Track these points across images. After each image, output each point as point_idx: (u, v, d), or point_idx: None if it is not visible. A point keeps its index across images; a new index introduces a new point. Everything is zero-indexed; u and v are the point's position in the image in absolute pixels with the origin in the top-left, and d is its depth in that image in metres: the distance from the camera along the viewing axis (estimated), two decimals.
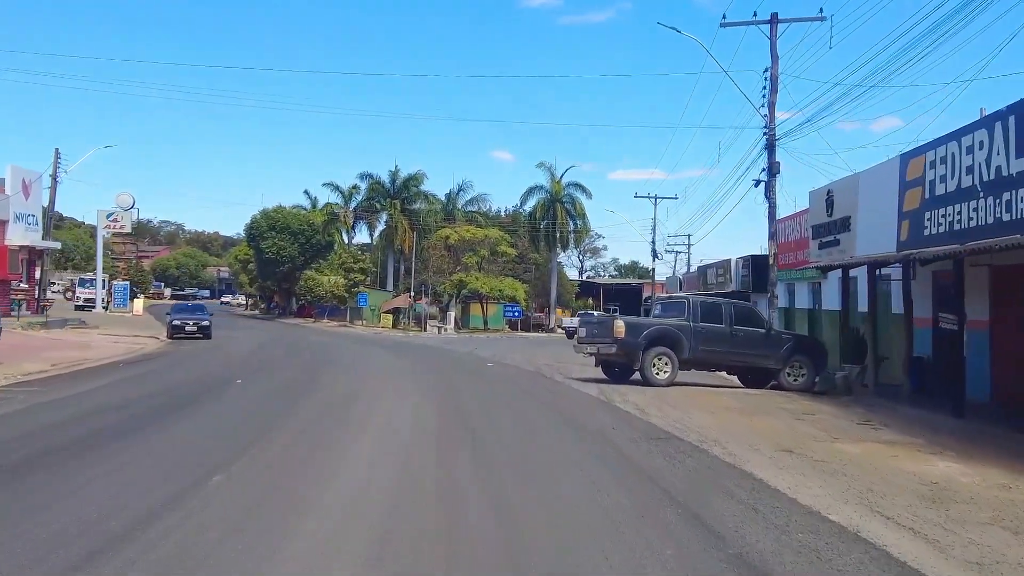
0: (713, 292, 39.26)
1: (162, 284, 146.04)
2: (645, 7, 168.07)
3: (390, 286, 75.48)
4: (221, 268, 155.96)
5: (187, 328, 38.02)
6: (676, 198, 58.61)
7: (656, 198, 57.44)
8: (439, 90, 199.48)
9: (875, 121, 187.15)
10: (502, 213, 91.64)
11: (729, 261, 40.06)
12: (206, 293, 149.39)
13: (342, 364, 27.50)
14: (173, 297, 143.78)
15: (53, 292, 70.03)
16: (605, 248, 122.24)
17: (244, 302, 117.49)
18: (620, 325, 20.78)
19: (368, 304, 64.14)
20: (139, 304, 69.85)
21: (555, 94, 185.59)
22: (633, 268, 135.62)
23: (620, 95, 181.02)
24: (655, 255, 58.06)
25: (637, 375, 21.04)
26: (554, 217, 74.59)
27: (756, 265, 34.10)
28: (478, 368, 27.08)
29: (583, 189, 75.76)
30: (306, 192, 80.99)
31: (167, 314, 42.01)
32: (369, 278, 73.61)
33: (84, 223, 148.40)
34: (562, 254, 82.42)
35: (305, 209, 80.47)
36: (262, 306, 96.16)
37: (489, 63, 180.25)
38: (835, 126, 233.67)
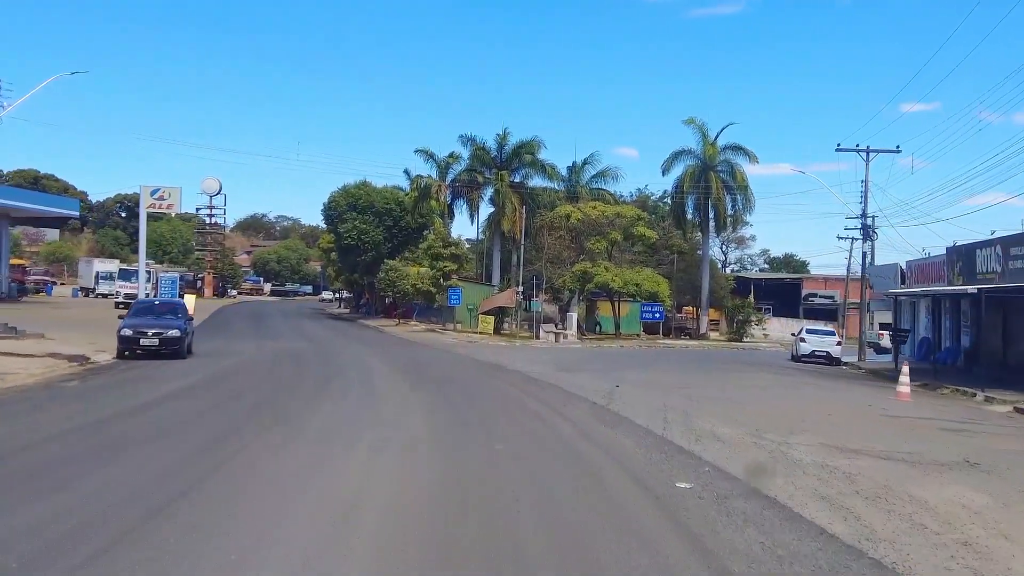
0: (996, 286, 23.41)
1: (261, 279, 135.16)
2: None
3: (496, 279, 59.74)
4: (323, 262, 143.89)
5: (143, 342, 23.22)
6: (898, 151, 40.56)
7: (868, 152, 39.67)
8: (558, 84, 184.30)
9: None
10: (628, 198, 74.30)
11: None
12: (307, 289, 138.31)
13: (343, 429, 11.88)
14: (273, 293, 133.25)
15: (105, 286, 57.23)
16: (753, 237, 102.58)
17: (335, 298, 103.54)
18: None
19: (462, 301, 48.66)
20: (191, 301, 56.05)
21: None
22: (787, 261, 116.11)
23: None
24: (867, 232, 40.05)
25: None
26: (706, 190, 57.47)
27: None
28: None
29: (745, 153, 58.36)
30: (406, 172, 64.75)
31: (120, 319, 27.39)
32: (465, 267, 57.92)
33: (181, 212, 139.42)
34: (715, 239, 64.79)
35: (403, 190, 65.42)
36: (353, 304, 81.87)
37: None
38: None
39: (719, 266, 73.16)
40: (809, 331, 41.44)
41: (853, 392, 24.78)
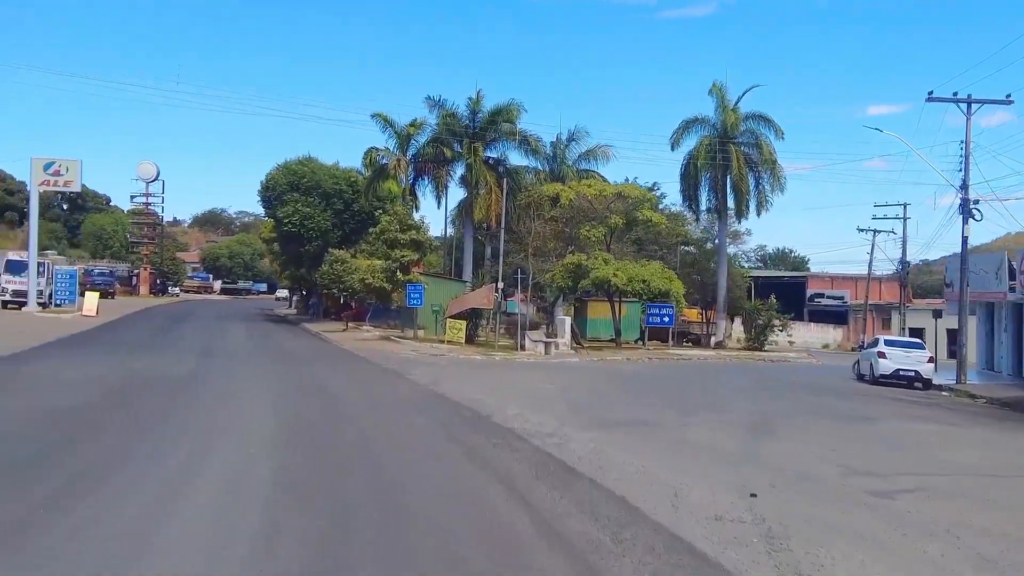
0: None
1: (209, 276, 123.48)
2: None
3: (467, 275, 49.01)
4: None
5: None
6: (1008, 101, 30.14)
7: (970, 102, 29.30)
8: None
9: None
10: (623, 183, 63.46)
11: None
12: (262, 287, 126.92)
13: None
14: (223, 291, 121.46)
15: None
16: (749, 232, 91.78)
17: (288, 297, 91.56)
18: None
19: (425, 301, 37.95)
20: (92, 300, 45.06)
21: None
22: (783, 257, 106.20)
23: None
24: (967, 210, 29.47)
25: None
26: (724, 166, 47.15)
27: None
28: None
29: (770, 123, 48.04)
30: (371, 150, 52.75)
31: None
32: (430, 260, 47.22)
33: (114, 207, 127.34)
34: (739, 227, 54.35)
35: (360, 173, 54.30)
36: (302, 304, 70.26)
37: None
38: None
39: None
40: (890, 343, 31.12)
41: None
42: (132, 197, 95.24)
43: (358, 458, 10.26)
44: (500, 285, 37.17)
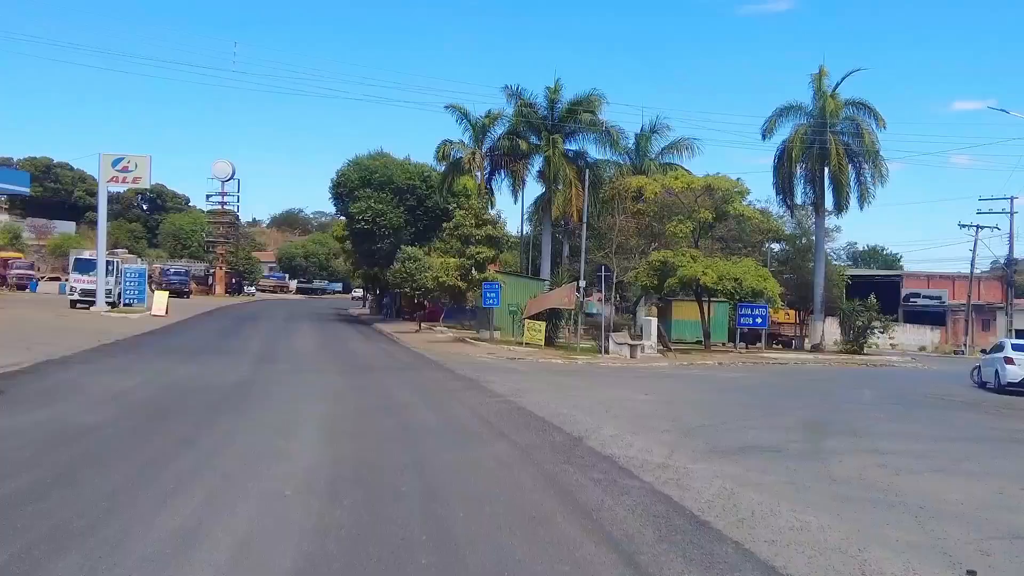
0: None
1: (286, 276, 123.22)
2: None
3: (545, 273, 46.52)
4: None
5: None
6: None
7: None
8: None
9: None
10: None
11: None
12: (337, 286, 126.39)
13: None
14: (299, 291, 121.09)
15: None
16: (838, 228, 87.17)
17: (363, 297, 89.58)
18: None
19: (502, 301, 35.63)
20: (161, 299, 43.97)
21: None
22: (874, 255, 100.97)
23: None
24: None
25: None
26: (821, 157, 43.79)
27: None
28: None
29: (871, 111, 44.42)
30: (444, 143, 50.48)
31: None
32: (506, 257, 44.81)
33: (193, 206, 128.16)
34: (834, 223, 50.65)
35: (435, 169, 52.19)
36: (376, 304, 68.55)
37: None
38: None
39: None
40: (1018, 348, 27.59)
41: None
42: (207, 196, 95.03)
43: (421, 521, 7.69)
44: (582, 284, 34.59)
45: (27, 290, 63.43)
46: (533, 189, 50.78)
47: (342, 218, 60.75)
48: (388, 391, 18.06)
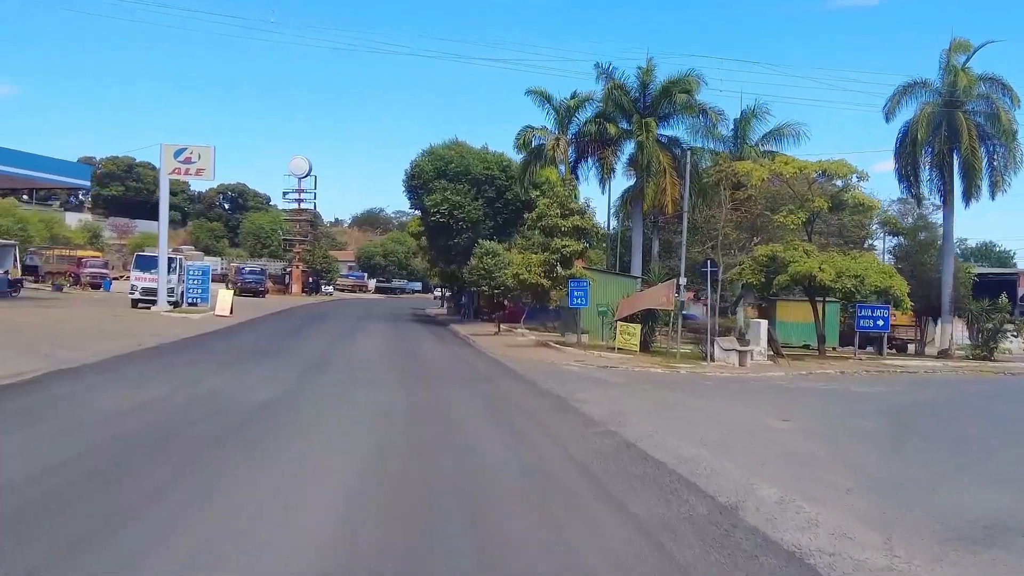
0: None
1: (364, 275, 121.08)
2: None
3: (636, 270, 42.20)
4: None
5: None
6: None
7: None
8: None
9: None
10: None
11: None
12: (416, 285, 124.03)
13: None
14: (378, 290, 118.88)
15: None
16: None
17: (442, 296, 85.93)
18: None
19: (590, 301, 31.55)
20: (225, 298, 41.28)
21: None
22: (986, 251, 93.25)
23: None
24: None
25: None
26: (950, 140, 38.53)
27: None
28: None
29: (1006, 88, 38.94)
30: (525, 130, 46.58)
31: None
32: (595, 250, 40.79)
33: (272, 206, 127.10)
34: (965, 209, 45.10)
35: (514, 160, 48.39)
36: (453, 303, 64.87)
37: None
38: None
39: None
40: None
41: None
42: (284, 193, 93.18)
43: None
44: (683, 281, 30.32)
45: (100, 289, 61.94)
46: (618, 183, 46.52)
47: (418, 213, 57.44)
48: (455, 414, 14.21)
